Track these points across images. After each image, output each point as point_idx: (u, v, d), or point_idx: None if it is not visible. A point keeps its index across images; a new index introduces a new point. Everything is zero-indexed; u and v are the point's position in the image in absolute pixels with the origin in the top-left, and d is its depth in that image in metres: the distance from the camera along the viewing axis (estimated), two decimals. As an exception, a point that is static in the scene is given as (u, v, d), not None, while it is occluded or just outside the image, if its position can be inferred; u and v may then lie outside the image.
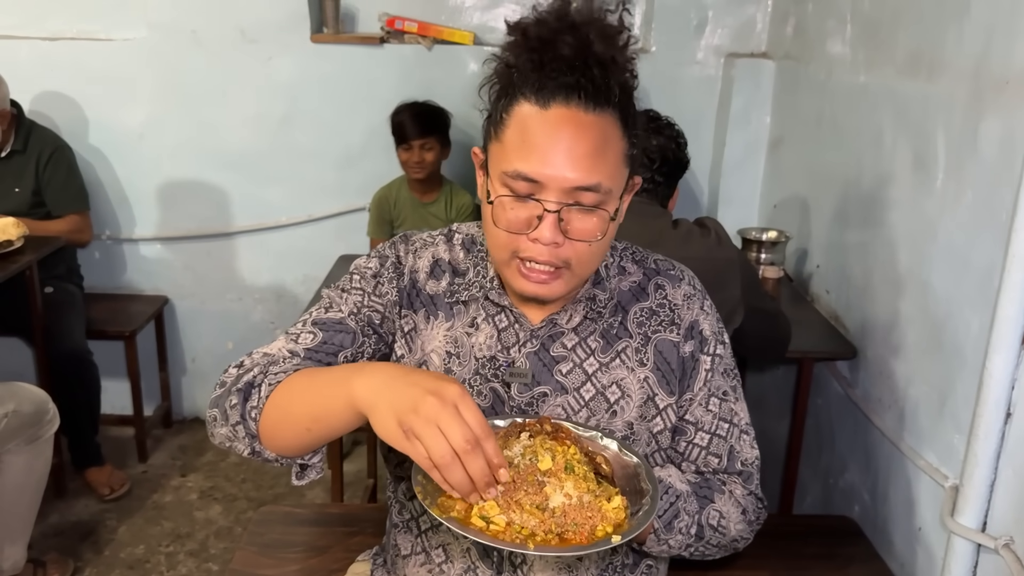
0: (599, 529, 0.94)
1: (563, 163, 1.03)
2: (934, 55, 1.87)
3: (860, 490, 2.17)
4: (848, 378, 2.28)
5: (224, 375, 1.13)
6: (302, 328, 1.18)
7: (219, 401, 1.09)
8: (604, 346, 1.21)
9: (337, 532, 1.88)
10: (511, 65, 1.08)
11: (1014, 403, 1.49)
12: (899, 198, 2.02)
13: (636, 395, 1.20)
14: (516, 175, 1.04)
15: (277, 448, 1.05)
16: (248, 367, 1.10)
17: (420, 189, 3.06)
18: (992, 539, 1.52)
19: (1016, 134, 1.48)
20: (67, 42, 3.20)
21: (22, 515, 2.38)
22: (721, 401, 1.26)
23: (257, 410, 1.03)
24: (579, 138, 1.03)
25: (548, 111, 1.04)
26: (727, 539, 1.25)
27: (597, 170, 1.04)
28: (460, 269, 1.24)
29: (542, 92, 1.04)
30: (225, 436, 1.09)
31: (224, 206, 3.40)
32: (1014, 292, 1.44)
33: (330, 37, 3.21)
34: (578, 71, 1.03)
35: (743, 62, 3.11)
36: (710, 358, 1.24)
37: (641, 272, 1.26)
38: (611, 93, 1.05)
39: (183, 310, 3.53)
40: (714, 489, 1.25)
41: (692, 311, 1.24)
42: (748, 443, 1.29)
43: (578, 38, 1.04)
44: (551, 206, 1.04)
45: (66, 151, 3.08)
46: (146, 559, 2.74)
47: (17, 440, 2.30)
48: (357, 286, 1.22)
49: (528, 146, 1.04)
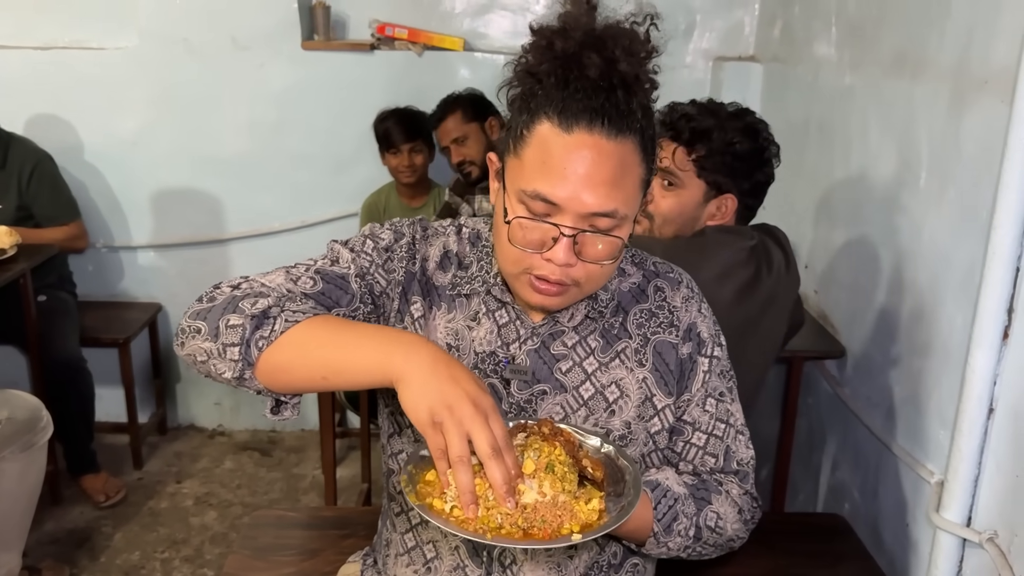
0: (564, 528, 0.96)
1: (582, 189, 1.03)
2: (918, 55, 1.89)
3: (850, 488, 2.19)
4: (837, 377, 2.29)
5: (214, 290, 1.10)
6: (304, 272, 1.16)
7: (207, 315, 1.05)
8: (604, 346, 1.22)
9: (330, 535, 1.89)
10: (533, 73, 1.07)
11: (996, 398, 1.50)
12: (884, 197, 2.04)
13: (634, 395, 1.22)
14: (535, 195, 1.05)
15: (273, 383, 1.04)
16: (249, 292, 1.08)
17: (409, 194, 3.09)
18: (976, 533, 1.53)
19: (995, 132, 1.50)
20: (59, 51, 3.22)
21: (17, 522, 2.38)
22: (718, 402, 1.27)
23: (267, 341, 1.01)
24: (599, 165, 1.03)
25: (570, 136, 1.03)
26: (724, 539, 1.27)
27: (614, 197, 1.05)
28: (465, 263, 1.25)
29: (565, 115, 1.04)
30: (204, 351, 1.04)
31: (217, 213, 3.41)
32: (995, 288, 1.45)
33: (321, 44, 3.23)
34: (602, 93, 1.03)
35: (731, 65, 3.13)
36: (708, 360, 1.26)
37: (640, 274, 1.27)
38: (633, 118, 1.05)
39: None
40: (711, 490, 1.26)
41: (690, 313, 1.26)
42: (743, 443, 1.31)
43: (604, 56, 1.03)
44: (567, 230, 1.06)
45: (47, 163, 3.07)
46: (141, 565, 2.75)
47: (11, 447, 2.30)
48: (368, 252, 1.21)
49: (547, 168, 1.04)
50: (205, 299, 1.09)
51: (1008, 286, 1.45)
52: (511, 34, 3.28)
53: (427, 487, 1.01)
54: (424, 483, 1.02)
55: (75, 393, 2.95)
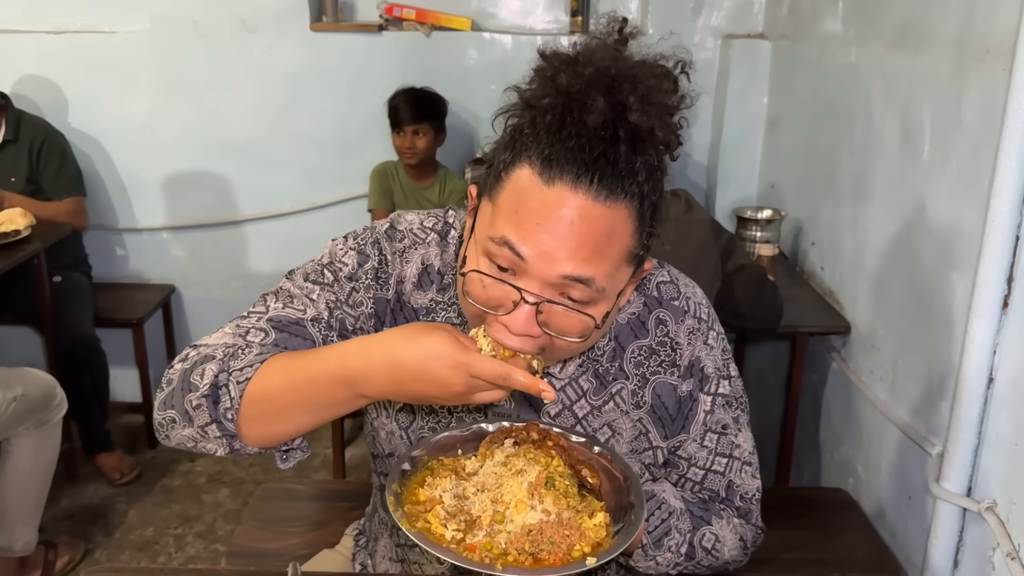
0: (576, 549, 0.89)
1: (552, 252, 0.89)
2: (921, 28, 1.88)
3: (854, 462, 2.19)
4: (842, 352, 2.30)
5: (169, 371, 1.01)
6: (255, 323, 1.03)
7: (172, 401, 0.98)
8: (597, 387, 1.11)
9: (337, 507, 1.92)
10: (532, 105, 0.92)
11: (996, 367, 1.50)
12: (888, 171, 2.03)
13: (627, 432, 1.13)
14: (502, 241, 0.90)
15: (264, 441, 0.97)
16: (197, 361, 0.98)
17: (415, 174, 3.10)
18: (976, 503, 1.53)
19: (995, 102, 1.49)
20: (71, 35, 3.25)
21: (33, 497, 2.43)
22: (720, 436, 1.17)
23: (232, 411, 0.93)
24: (578, 229, 0.88)
25: (550, 189, 0.88)
26: (719, 562, 1.19)
27: (590, 264, 0.90)
28: (443, 282, 1.11)
29: (549, 163, 0.88)
30: (188, 437, 0.97)
31: (228, 195, 3.44)
32: (994, 257, 1.45)
33: (329, 25, 3.24)
34: (600, 145, 0.88)
35: (740, 43, 3.11)
36: (711, 398, 1.15)
37: (641, 301, 1.13)
38: (632, 180, 0.89)
39: (189, 298, 3.58)
40: (712, 512, 1.18)
41: (694, 347, 1.13)
42: (750, 474, 1.20)
43: (612, 101, 0.88)
44: (531, 297, 0.91)
45: (58, 137, 3.11)
46: (155, 541, 2.79)
47: (26, 424, 2.34)
48: (328, 284, 1.08)
49: (519, 219, 0.90)
50: (164, 383, 1.00)
51: (1007, 255, 1.45)
52: (519, 14, 3.28)
53: (417, 508, 0.93)
54: (413, 502, 0.95)
55: (89, 373, 2.99)
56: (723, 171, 3.20)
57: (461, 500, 0.94)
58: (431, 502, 0.94)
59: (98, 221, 3.41)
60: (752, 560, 1.27)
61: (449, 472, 0.98)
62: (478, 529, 0.91)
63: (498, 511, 0.92)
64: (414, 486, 0.97)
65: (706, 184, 3.35)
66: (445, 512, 0.92)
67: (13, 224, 2.73)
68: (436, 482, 0.97)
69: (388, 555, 1.27)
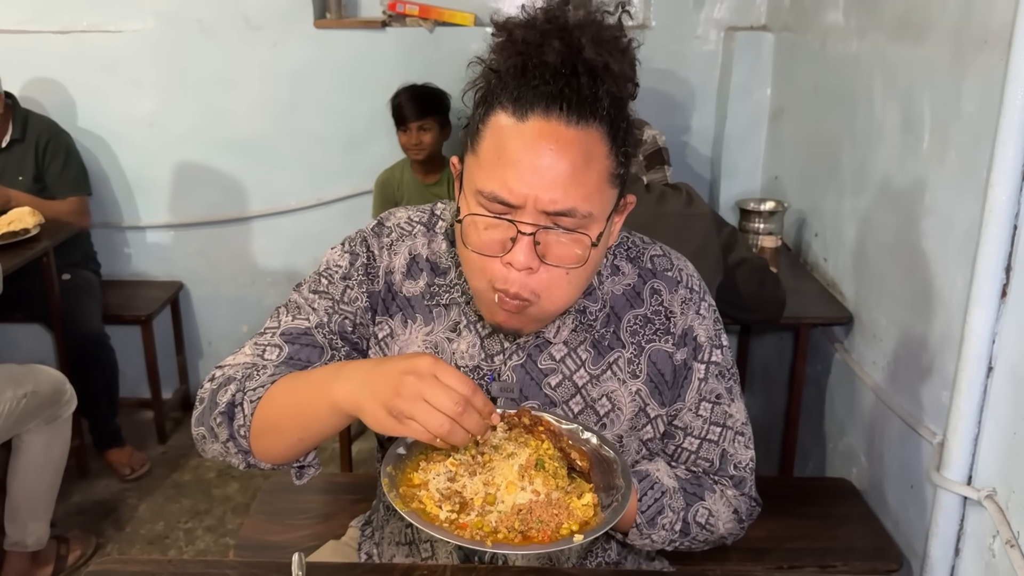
0: (564, 527, 0.93)
1: (538, 183, 0.95)
2: (921, 17, 1.88)
3: (857, 452, 2.20)
4: (845, 343, 2.30)
5: (201, 391, 1.11)
6: (269, 339, 1.13)
7: (203, 419, 1.08)
8: (595, 357, 1.15)
9: (344, 499, 1.94)
10: (495, 70, 1.00)
11: (995, 356, 1.51)
12: (889, 162, 2.04)
13: (627, 408, 1.16)
14: (492, 197, 0.97)
15: (273, 459, 1.04)
16: (222, 382, 1.08)
17: (422, 171, 3.11)
18: (976, 491, 1.54)
19: (993, 90, 1.50)
20: (77, 35, 3.27)
21: (44, 493, 2.46)
22: (714, 405, 1.21)
23: (245, 428, 1.02)
24: (558, 155, 0.95)
25: (526, 123, 0.95)
26: (715, 536, 1.23)
27: (572, 193, 0.96)
28: (441, 266, 1.16)
29: (520, 102, 0.96)
30: (218, 452, 1.08)
31: (234, 192, 3.46)
32: (992, 246, 1.46)
33: (333, 22, 3.26)
34: (563, 79, 0.95)
35: (743, 35, 3.12)
36: (704, 366, 1.19)
37: (636, 273, 1.18)
38: (598, 105, 0.96)
39: (197, 295, 3.61)
40: (705, 487, 1.22)
41: (687, 316, 1.18)
42: (743, 444, 1.24)
43: (567, 42, 0.95)
44: (526, 228, 0.97)
45: (63, 136, 3.14)
46: (165, 535, 2.82)
47: (37, 420, 2.37)
48: (325, 290, 1.17)
49: (503, 162, 0.96)
50: (197, 402, 1.11)
51: (1006, 244, 1.46)
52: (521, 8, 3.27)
53: (412, 489, 0.97)
54: (408, 485, 0.98)
55: (99, 369, 3.02)
56: (727, 163, 3.20)
57: (454, 483, 0.97)
58: (425, 485, 0.97)
59: (106, 219, 3.44)
60: (756, 549, 1.28)
61: (443, 456, 1.01)
62: (470, 510, 0.94)
63: (490, 493, 0.96)
64: (409, 470, 1.01)
65: (710, 176, 3.36)
66: (439, 494, 0.96)
67: (22, 223, 2.76)
68: (431, 466, 1.00)
69: (396, 539, 1.29)
